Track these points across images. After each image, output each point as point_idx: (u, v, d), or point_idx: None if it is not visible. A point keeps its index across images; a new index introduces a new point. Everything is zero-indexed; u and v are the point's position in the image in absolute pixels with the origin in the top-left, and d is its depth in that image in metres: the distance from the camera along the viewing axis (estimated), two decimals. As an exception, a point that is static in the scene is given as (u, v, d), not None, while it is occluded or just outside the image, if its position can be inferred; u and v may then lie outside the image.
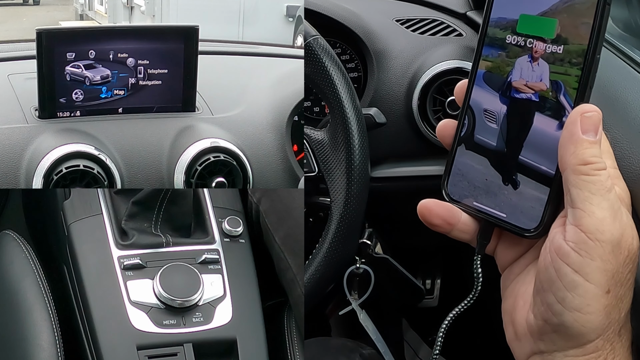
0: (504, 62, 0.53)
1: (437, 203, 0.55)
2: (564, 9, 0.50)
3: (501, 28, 0.53)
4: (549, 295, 0.48)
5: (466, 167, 0.54)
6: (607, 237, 0.47)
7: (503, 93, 0.53)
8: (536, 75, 0.51)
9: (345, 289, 1.01)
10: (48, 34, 0.91)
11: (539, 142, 0.51)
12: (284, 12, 5.44)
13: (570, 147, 0.48)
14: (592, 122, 0.48)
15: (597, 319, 0.47)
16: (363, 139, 0.85)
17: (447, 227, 0.55)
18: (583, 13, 0.49)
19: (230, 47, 1.31)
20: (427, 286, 1.40)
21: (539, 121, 0.51)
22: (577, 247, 0.47)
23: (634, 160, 0.71)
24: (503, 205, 0.52)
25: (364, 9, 1.13)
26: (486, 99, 0.53)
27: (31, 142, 0.91)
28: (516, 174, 0.52)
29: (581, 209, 0.47)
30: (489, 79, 0.53)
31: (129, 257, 0.88)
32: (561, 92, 0.50)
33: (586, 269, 0.47)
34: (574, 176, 0.47)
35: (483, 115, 0.53)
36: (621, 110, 0.78)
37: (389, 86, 1.05)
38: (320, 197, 0.90)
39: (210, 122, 1.02)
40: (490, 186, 0.53)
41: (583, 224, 0.47)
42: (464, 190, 0.54)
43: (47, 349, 0.80)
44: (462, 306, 0.57)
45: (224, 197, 0.98)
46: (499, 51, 0.53)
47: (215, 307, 0.87)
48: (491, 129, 0.53)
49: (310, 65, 0.86)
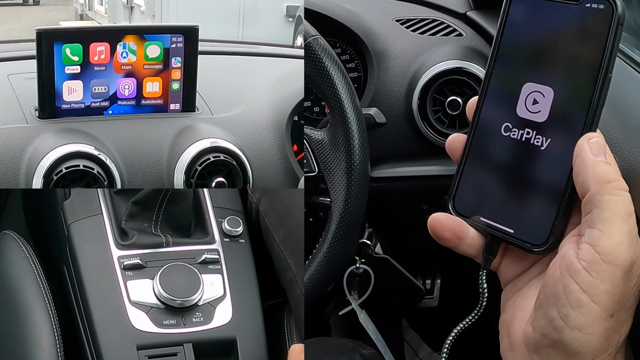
0: (514, 80, 0.53)
1: (449, 217, 0.55)
2: (576, 30, 0.50)
3: (514, 46, 0.53)
4: (552, 310, 0.48)
5: (474, 182, 0.55)
6: (622, 262, 0.46)
7: (513, 111, 0.53)
8: (547, 94, 0.51)
9: (345, 289, 1.01)
10: (48, 34, 0.91)
11: (548, 159, 0.51)
12: (284, 12, 5.45)
13: (588, 170, 0.48)
14: (599, 145, 0.49)
15: (596, 341, 0.47)
16: (363, 139, 0.85)
17: (457, 242, 0.55)
18: (595, 33, 0.49)
19: (230, 47, 1.31)
20: (427, 286, 1.40)
21: (549, 138, 0.51)
22: (589, 267, 0.46)
23: (634, 160, 0.71)
24: (511, 220, 0.52)
25: (364, 9, 1.13)
26: (496, 116, 0.53)
27: (31, 142, 0.91)
28: (525, 190, 0.52)
29: (600, 229, 0.47)
30: (499, 96, 0.54)
31: (129, 257, 0.88)
32: (571, 112, 0.50)
33: (594, 290, 0.46)
34: (599, 196, 0.47)
35: (493, 132, 0.54)
36: (621, 110, 0.78)
37: (389, 86, 1.05)
38: (320, 197, 0.90)
39: (210, 122, 1.02)
40: (498, 201, 0.53)
41: (600, 245, 0.46)
42: (472, 205, 0.54)
43: (47, 349, 0.80)
44: (468, 321, 0.56)
45: (224, 197, 0.98)
46: (509, 69, 0.53)
47: (215, 307, 0.87)
48: (501, 145, 0.53)
49: (310, 65, 0.86)
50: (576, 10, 0.50)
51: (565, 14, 0.51)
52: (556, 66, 0.51)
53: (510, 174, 0.53)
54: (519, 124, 0.52)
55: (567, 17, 0.51)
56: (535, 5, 0.53)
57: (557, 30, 0.51)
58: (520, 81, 0.52)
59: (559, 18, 0.51)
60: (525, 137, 0.52)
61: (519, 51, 0.53)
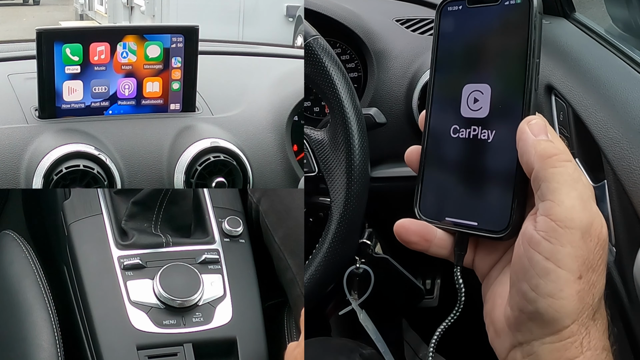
0: (454, 85, 0.56)
1: (413, 221, 0.57)
2: (500, 26, 0.54)
3: (449, 54, 0.57)
4: (523, 284, 0.49)
5: (434, 185, 0.58)
6: (577, 224, 0.48)
7: (457, 113, 0.56)
8: (485, 91, 0.55)
9: (345, 289, 1.01)
10: (48, 34, 0.91)
11: (496, 150, 0.54)
12: (284, 12, 5.45)
13: (530, 150, 0.50)
14: (540, 126, 0.51)
15: (570, 304, 0.49)
16: (363, 139, 0.85)
17: (425, 244, 0.57)
18: (517, 25, 0.53)
19: (230, 47, 1.31)
20: (427, 286, 1.40)
21: (494, 130, 0.54)
22: (548, 235, 0.48)
23: (633, 160, 0.71)
24: (472, 214, 0.55)
25: (364, 9, 1.13)
26: (443, 121, 0.57)
27: (31, 142, 0.91)
28: (481, 183, 0.55)
29: (550, 199, 0.49)
30: (443, 102, 0.57)
31: (129, 257, 0.88)
32: (509, 102, 0.53)
33: (557, 256, 0.48)
34: (543, 171, 0.49)
35: (443, 136, 0.57)
36: (621, 110, 0.78)
37: (389, 86, 1.05)
38: (320, 197, 0.90)
39: (210, 122, 1.02)
40: (459, 199, 0.56)
41: (553, 213, 0.48)
42: (435, 208, 0.57)
43: (47, 349, 0.80)
44: (449, 320, 0.58)
45: (224, 197, 0.98)
46: (449, 75, 0.57)
47: (215, 307, 0.87)
48: (451, 147, 0.56)
49: (310, 65, 0.86)
50: (497, 9, 0.54)
51: (489, 15, 0.55)
52: (489, 63, 0.54)
53: (465, 171, 0.56)
54: (465, 124, 0.55)
55: (491, 17, 0.55)
56: (461, 14, 0.57)
57: (483, 31, 0.55)
58: (460, 84, 0.56)
59: (483, 20, 0.55)
60: (473, 134, 0.55)
61: (455, 58, 0.57)
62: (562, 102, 0.88)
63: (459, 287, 0.57)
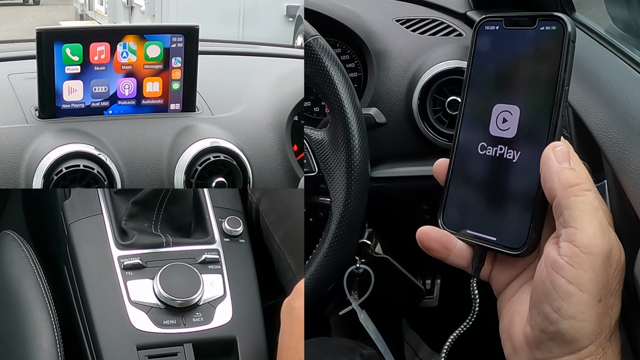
0: (485, 104, 0.58)
1: (435, 229, 0.59)
2: (534, 51, 0.55)
3: (483, 74, 0.59)
4: (546, 306, 0.52)
5: (458, 198, 0.59)
6: (599, 250, 0.51)
7: (486, 131, 0.57)
8: (514, 112, 0.56)
9: (345, 289, 1.01)
10: (48, 34, 0.91)
11: (520, 170, 0.55)
12: (284, 12, 5.45)
13: (553, 177, 0.53)
14: (563, 153, 0.53)
15: (590, 326, 0.51)
16: (363, 139, 0.85)
17: (444, 252, 0.59)
18: (550, 51, 0.54)
19: (230, 47, 1.31)
20: (427, 286, 1.40)
21: (519, 151, 0.56)
22: (571, 260, 0.51)
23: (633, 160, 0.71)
24: (492, 229, 0.57)
25: (364, 9, 1.13)
26: (472, 138, 0.58)
27: (31, 142, 0.91)
28: (502, 200, 0.56)
29: (574, 227, 0.51)
30: (474, 120, 0.59)
31: (129, 257, 0.88)
32: (536, 125, 0.55)
33: (580, 280, 0.51)
34: (565, 199, 0.52)
35: (471, 152, 0.58)
36: (621, 110, 0.78)
37: (389, 86, 1.05)
38: (320, 197, 0.90)
39: (210, 122, 1.02)
40: (481, 213, 0.58)
41: (576, 239, 0.51)
42: (457, 219, 0.59)
43: (47, 349, 0.80)
44: (462, 328, 0.60)
45: (224, 197, 0.98)
46: (481, 94, 0.58)
47: (215, 307, 0.87)
48: (478, 164, 0.58)
49: (310, 65, 0.86)
50: (533, 34, 0.56)
51: (524, 39, 0.56)
52: (520, 85, 0.56)
53: (489, 187, 0.57)
54: (492, 142, 0.57)
55: (526, 41, 0.56)
56: (498, 34, 0.58)
57: (518, 53, 0.56)
58: (491, 104, 0.57)
59: (519, 43, 0.56)
60: (499, 153, 0.57)
61: (488, 77, 0.58)
62: (562, 102, 0.88)
63: (474, 298, 0.59)
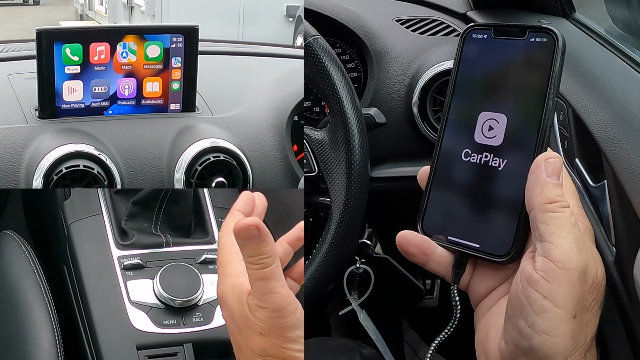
0: (471, 111, 0.58)
1: (415, 234, 0.59)
2: (524, 61, 0.56)
3: (469, 81, 0.58)
4: (520, 320, 0.51)
5: (439, 204, 0.59)
6: (574, 265, 0.50)
7: (471, 137, 0.57)
8: (501, 120, 0.56)
9: (345, 289, 1.01)
10: (48, 34, 0.91)
11: (506, 178, 0.55)
12: (284, 12, 5.44)
13: (537, 189, 0.52)
14: (555, 167, 0.53)
15: (564, 342, 0.51)
16: (363, 139, 0.85)
17: (423, 258, 0.58)
18: (540, 63, 0.55)
19: (230, 47, 1.31)
20: (427, 286, 1.40)
21: (505, 159, 0.56)
22: (546, 275, 0.50)
23: (633, 160, 0.71)
24: (476, 236, 0.56)
25: (364, 9, 1.13)
26: (456, 144, 0.58)
27: (31, 142, 0.91)
28: (487, 207, 0.56)
29: (549, 241, 0.51)
30: (458, 126, 0.58)
31: (129, 257, 0.88)
32: (523, 134, 0.55)
33: (554, 295, 0.50)
34: (542, 214, 0.51)
35: (454, 158, 0.58)
36: (621, 111, 0.78)
37: (389, 86, 1.05)
38: (320, 197, 0.90)
39: (210, 122, 1.02)
40: (464, 220, 0.57)
41: (552, 254, 0.50)
42: (439, 225, 0.59)
43: (47, 349, 0.80)
44: (444, 335, 0.60)
45: (224, 197, 0.98)
46: (466, 101, 0.58)
47: (215, 307, 0.87)
48: (461, 170, 0.58)
49: (310, 65, 0.86)
50: (523, 44, 0.56)
51: (513, 49, 0.56)
52: (508, 95, 0.56)
53: (472, 194, 0.57)
54: (477, 149, 0.57)
55: (515, 51, 0.56)
56: (485, 43, 0.58)
57: (506, 63, 0.57)
58: (477, 111, 0.57)
59: (507, 52, 0.57)
60: (484, 160, 0.56)
61: (474, 84, 0.58)
62: (562, 102, 0.88)
63: (455, 305, 0.58)
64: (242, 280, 0.61)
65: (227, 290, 0.62)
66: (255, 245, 0.57)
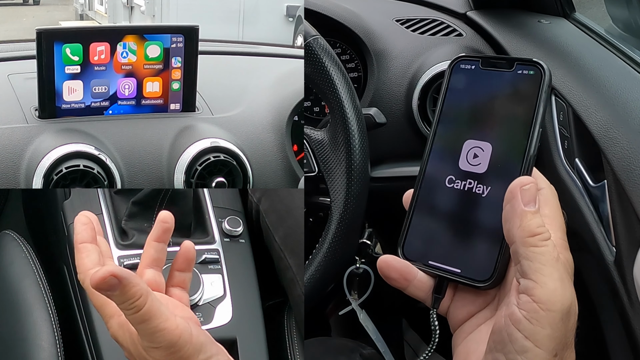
0: (456, 139, 0.58)
1: (397, 259, 0.58)
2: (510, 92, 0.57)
3: (456, 109, 0.59)
4: (500, 356, 0.51)
5: (421, 229, 0.59)
6: (558, 307, 0.49)
7: (455, 165, 0.58)
8: (486, 148, 0.57)
9: (345, 289, 1.01)
10: (48, 34, 0.91)
11: (489, 205, 0.55)
12: (284, 12, 5.44)
13: (515, 220, 0.52)
14: (531, 193, 0.52)
15: None
16: (363, 139, 0.85)
17: (404, 283, 0.58)
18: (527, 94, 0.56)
19: (230, 47, 1.31)
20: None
21: (489, 186, 0.56)
22: (529, 315, 0.49)
23: (633, 160, 0.71)
24: (457, 261, 0.56)
25: (364, 9, 1.13)
26: (440, 170, 0.59)
27: (31, 142, 0.91)
28: (470, 233, 0.56)
29: (533, 280, 0.50)
30: (442, 152, 0.59)
31: (129, 257, 0.88)
32: (508, 162, 0.56)
33: (536, 336, 0.49)
34: (524, 248, 0.51)
35: (438, 184, 0.59)
36: (621, 110, 0.78)
37: (389, 86, 1.05)
38: (320, 197, 0.90)
39: (210, 122, 1.02)
40: (445, 245, 0.57)
41: (535, 294, 0.49)
42: (420, 250, 0.59)
43: (47, 349, 0.80)
44: (424, 357, 0.60)
45: (224, 197, 0.98)
46: (452, 129, 0.59)
47: (215, 307, 0.87)
48: (444, 196, 0.58)
49: (310, 65, 0.86)
50: (510, 76, 0.57)
51: (501, 80, 0.57)
52: (494, 124, 0.57)
53: (455, 219, 0.58)
54: (461, 176, 0.58)
55: (502, 82, 0.57)
56: (473, 74, 0.59)
57: (493, 93, 0.58)
58: (462, 139, 0.58)
59: (495, 83, 0.58)
60: (468, 186, 0.57)
61: (460, 113, 0.59)
62: (562, 102, 0.88)
63: (434, 329, 0.59)
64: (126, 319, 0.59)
65: (117, 332, 0.61)
66: (119, 293, 0.55)
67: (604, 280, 0.78)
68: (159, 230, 0.67)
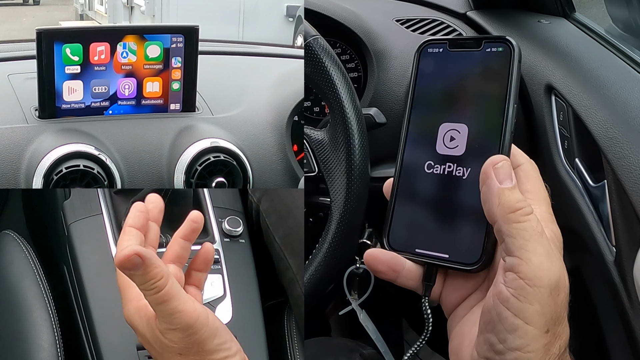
0: (431, 123, 0.58)
1: (383, 252, 0.58)
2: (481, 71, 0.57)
3: (427, 94, 0.59)
4: (492, 336, 0.50)
5: (405, 217, 0.59)
6: (545, 282, 0.49)
7: (433, 149, 0.58)
8: (462, 130, 0.57)
9: (345, 289, 1.01)
10: (48, 34, 0.91)
11: (471, 186, 0.55)
12: (284, 12, 5.45)
13: (494, 199, 0.51)
14: (505, 170, 0.52)
15: (536, 357, 0.50)
16: (363, 139, 0.85)
17: (393, 274, 0.58)
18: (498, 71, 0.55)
19: (230, 47, 1.31)
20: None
21: (469, 168, 0.56)
22: (517, 292, 0.49)
23: (633, 160, 0.71)
24: (444, 246, 0.56)
25: (364, 9, 1.13)
26: (418, 156, 0.59)
27: (31, 142, 0.91)
28: (454, 217, 0.56)
29: (518, 256, 0.49)
30: (418, 139, 0.59)
31: (129, 257, 0.88)
32: (485, 142, 0.55)
33: (525, 313, 0.49)
34: (506, 226, 0.50)
35: (417, 170, 0.59)
36: (621, 110, 0.78)
37: (389, 86, 1.05)
38: (320, 197, 0.90)
39: (210, 122, 1.02)
40: (431, 232, 0.57)
41: (521, 271, 0.49)
42: (405, 239, 0.59)
43: (47, 349, 0.80)
44: (415, 348, 0.60)
45: (224, 197, 0.98)
46: (425, 114, 0.59)
47: (215, 307, 0.87)
48: (425, 182, 0.58)
49: (310, 65, 0.86)
50: (479, 55, 0.57)
51: (470, 60, 0.57)
52: (468, 105, 0.57)
53: (438, 204, 0.57)
54: (440, 160, 0.57)
55: (472, 62, 0.57)
56: (441, 57, 0.59)
57: (464, 74, 0.57)
58: (437, 122, 0.58)
59: (464, 64, 0.58)
60: (447, 170, 0.57)
61: (433, 97, 0.59)
62: (562, 102, 0.88)
63: (427, 317, 0.59)
64: (145, 303, 0.60)
65: (134, 316, 0.62)
66: (142, 273, 0.56)
67: (604, 280, 0.78)
68: (188, 228, 0.67)
